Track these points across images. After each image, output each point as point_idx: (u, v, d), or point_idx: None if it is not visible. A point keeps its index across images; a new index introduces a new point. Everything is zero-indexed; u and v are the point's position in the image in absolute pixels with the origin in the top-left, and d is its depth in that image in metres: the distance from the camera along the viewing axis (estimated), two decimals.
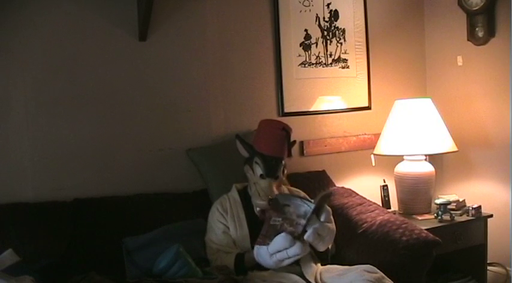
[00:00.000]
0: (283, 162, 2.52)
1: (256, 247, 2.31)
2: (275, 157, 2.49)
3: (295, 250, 2.19)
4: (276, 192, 2.44)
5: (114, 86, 2.80)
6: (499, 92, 3.25)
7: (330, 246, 2.49)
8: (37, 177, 2.62)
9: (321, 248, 2.33)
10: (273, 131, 2.52)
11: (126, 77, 2.82)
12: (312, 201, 2.27)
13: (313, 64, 3.33)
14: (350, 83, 3.46)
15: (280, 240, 2.20)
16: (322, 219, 2.26)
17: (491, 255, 3.21)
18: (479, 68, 3.39)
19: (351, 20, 3.44)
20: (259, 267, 2.34)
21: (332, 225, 2.35)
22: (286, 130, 2.52)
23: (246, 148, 2.56)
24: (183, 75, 2.96)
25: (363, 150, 3.46)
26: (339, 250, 2.60)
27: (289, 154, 2.57)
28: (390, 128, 3.24)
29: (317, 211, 2.27)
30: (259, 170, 2.48)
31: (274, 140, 2.50)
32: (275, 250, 2.22)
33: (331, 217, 2.34)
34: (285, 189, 2.60)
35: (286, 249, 2.20)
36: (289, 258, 2.22)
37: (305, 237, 2.22)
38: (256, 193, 2.46)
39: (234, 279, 2.23)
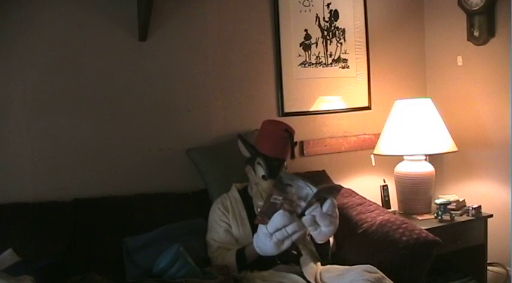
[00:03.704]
0: (285, 163, 2.52)
1: (254, 237, 2.31)
2: (278, 158, 2.49)
3: (293, 227, 2.19)
4: None
5: (114, 86, 2.80)
6: (499, 92, 3.25)
7: (331, 243, 2.50)
8: (37, 177, 2.62)
9: (319, 239, 2.32)
10: (276, 132, 2.52)
11: (126, 77, 2.82)
12: (315, 185, 2.23)
13: (313, 64, 3.33)
14: (350, 83, 3.47)
15: (278, 218, 2.19)
16: (324, 209, 2.25)
17: (491, 255, 3.21)
18: (479, 68, 3.38)
19: (351, 20, 3.44)
20: (260, 267, 2.34)
21: (334, 219, 2.30)
22: (289, 131, 2.52)
23: (247, 149, 2.56)
24: (183, 75, 2.96)
25: (362, 150, 3.46)
26: (338, 250, 2.60)
27: (293, 156, 2.56)
28: (390, 128, 3.24)
29: (322, 201, 2.26)
30: (261, 171, 2.47)
31: (278, 142, 2.50)
32: (274, 228, 2.21)
33: (336, 211, 2.31)
34: None
35: (285, 226, 2.19)
36: (288, 236, 2.20)
37: (302, 219, 2.22)
38: (258, 194, 2.46)
39: (234, 279, 2.23)
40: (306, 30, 3.30)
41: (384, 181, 3.37)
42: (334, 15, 3.39)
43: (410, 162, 3.23)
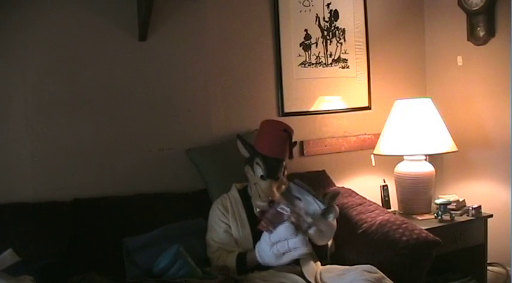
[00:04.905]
0: (283, 163, 2.53)
1: (257, 244, 2.31)
2: (276, 158, 2.49)
3: (295, 242, 2.19)
4: (276, 193, 2.44)
5: (114, 86, 2.80)
6: (499, 92, 3.24)
7: (329, 244, 2.50)
8: (37, 177, 2.62)
9: (319, 242, 2.34)
10: (274, 132, 2.52)
11: (126, 77, 2.82)
12: (323, 201, 2.25)
13: (313, 64, 3.33)
14: (350, 83, 3.47)
15: (282, 230, 2.20)
16: (330, 219, 2.27)
17: (491, 255, 3.21)
18: (479, 68, 3.38)
19: (351, 20, 3.44)
20: (260, 268, 2.34)
21: (335, 223, 2.35)
22: (288, 131, 2.52)
23: (246, 149, 2.56)
24: (183, 75, 2.96)
25: (363, 150, 3.46)
26: (339, 250, 2.60)
27: (291, 156, 2.56)
28: (390, 128, 3.24)
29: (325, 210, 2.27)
30: (259, 171, 2.47)
31: (276, 141, 2.50)
32: (276, 239, 2.22)
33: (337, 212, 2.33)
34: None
35: (287, 239, 2.20)
36: (289, 251, 2.21)
37: (309, 232, 2.23)
38: (257, 194, 2.46)
39: (234, 279, 2.23)
40: (306, 30, 3.30)
41: (384, 181, 3.37)
42: (334, 15, 3.39)
43: (410, 162, 3.23)
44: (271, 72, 3.22)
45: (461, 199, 3.23)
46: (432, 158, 3.32)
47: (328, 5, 3.37)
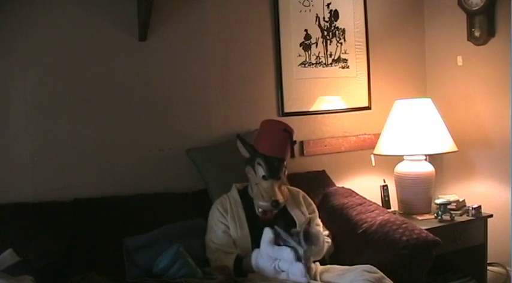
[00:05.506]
0: (285, 162, 2.53)
1: (255, 253, 2.33)
2: (277, 158, 2.49)
3: (296, 270, 2.20)
4: (278, 192, 2.45)
5: (114, 86, 2.80)
6: (499, 92, 3.24)
7: (325, 249, 2.52)
8: (37, 177, 2.62)
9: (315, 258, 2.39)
10: (275, 132, 2.52)
11: (126, 77, 2.82)
12: (302, 242, 2.26)
13: (313, 64, 3.33)
14: (350, 83, 3.46)
15: (287, 252, 2.22)
16: (315, 245, 2.31)
17: (491, 255, 3.21)
18: (479, 68, 3.38)
19: (351, 20, 3.44)
20: None
21: (321, 242, 2.39)
22: (288, 131, 2.53)
23: (246, 149, 2.56)
24: (183, 75, 2.96)
25: (363, 150, 3.46)
26: (339, 250, 2.60)
27: (292, 155, 2.57)
28: (390, 128, 3.24)
29: (306, 236, 2.29)
30: (261, 171, 2.47)
31: (277, 141, 2.50)
32: (279, 257, 2.23)
33: (320, 236, 2.40)
34: (285, 189, 2.60)
35: (289, 262, 2.21)
36: (288, 273, 2.22)
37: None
38: (259, 194, 2.46)
39: (234, 280, 2.23)
40: (306, 30, 3.30)
41: (384, 181, 3.37)
42: (334, 15, 3.39)
43: (410, 162, 3.23)
44: (271, 72, 3.22)
45: (461, 199, 3.23)
46: (432, 158, 3.32)
47: (328, 5, 3.37)
